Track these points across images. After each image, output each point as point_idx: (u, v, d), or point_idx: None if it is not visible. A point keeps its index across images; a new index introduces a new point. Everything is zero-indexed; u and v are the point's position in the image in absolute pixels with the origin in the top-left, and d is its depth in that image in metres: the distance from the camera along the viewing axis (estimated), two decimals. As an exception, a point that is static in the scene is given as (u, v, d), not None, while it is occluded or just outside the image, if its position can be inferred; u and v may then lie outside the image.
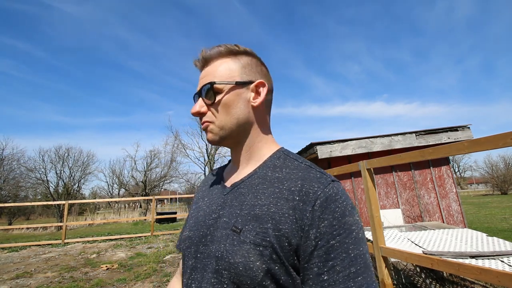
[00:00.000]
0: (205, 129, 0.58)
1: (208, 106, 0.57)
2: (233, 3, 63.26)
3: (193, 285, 0.51)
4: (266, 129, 0.61)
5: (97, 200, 17.04)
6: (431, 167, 4.49)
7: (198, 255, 0.53)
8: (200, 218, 0.58)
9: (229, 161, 0.68)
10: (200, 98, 0.58)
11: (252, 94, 0.58)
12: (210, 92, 0.56)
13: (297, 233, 0.45)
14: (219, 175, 0.66)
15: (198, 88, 0.58)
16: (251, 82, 0.58)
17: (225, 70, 0.57)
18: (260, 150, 0.59)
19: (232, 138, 0.58)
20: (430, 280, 3.20)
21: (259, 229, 0.47)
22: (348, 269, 0.42)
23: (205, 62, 0.59)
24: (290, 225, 0.46)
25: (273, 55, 68.25)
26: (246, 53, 0.60)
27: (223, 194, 0.58)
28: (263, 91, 0.58)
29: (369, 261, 0.45)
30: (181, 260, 0.61)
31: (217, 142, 0.58)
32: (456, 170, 48.67)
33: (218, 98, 0.56)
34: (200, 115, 0.58)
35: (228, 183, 0.60)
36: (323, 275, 0.42)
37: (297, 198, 0.47)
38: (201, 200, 0.64)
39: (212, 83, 0.55)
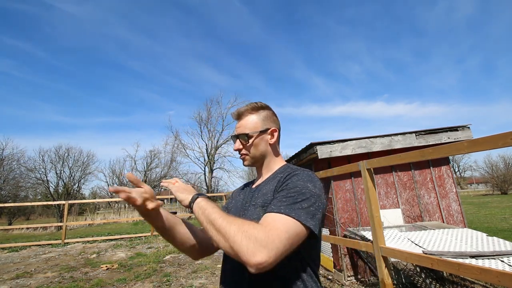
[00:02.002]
0: (243, 158, 0.97)
1: (244, 145, 0.96)
2: (233, 3, 63.15)
3: None
4: (277, 154, 1.01)
5: (97, 200, 17.04)
6: (431, 167, 4.48)
7: None
8: (239, 205, 0.95)
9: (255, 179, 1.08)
10: (238, 140, 0.96)
11: (269, 136, 0.97)
12: (245, 137, 0.94)
13: (276, 192, 0.82)
14: (249, 184, 1.05)
15: (236, 133, 0.97)
16: (268, 129, 0.96)
17: (252, 123, 0.95)
18: (273, 165, 0.98)
19: (258, 162, 0.98)
20: (430, 280, 3.20)
21: (264, 198, 0.85)
22: (281, 199, 0.75)
23: (239, 116, 0.98)
24: (275, 190, 0.83)
25: (273, 55, 68.16)
26: (263, 108, 0.99)
27: (251, 191, 0.96)
28: (275, 134, 0.98)
29: (299, 204, 0.73)
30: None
31: (250, 165, 0.99)
32: (456, 170, 48.65)
33: (250, 141, 0.94)
34: (239, 150, 0.97)
35: (254, 186, 0.98)
36: (273, 201, 0.77)
37: (282, 178, 0.85)
38: (237, 196, 1.02)
39: (247, 134, 0.94)
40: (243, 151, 0.96)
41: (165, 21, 57.41)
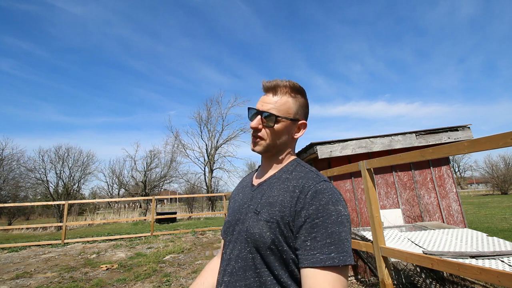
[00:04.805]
0: (256, 142, 0.79)
1: (264, 126, 0.77)
2: (236, 3, 63.15)
3: (227, 252, 0.75)
4: (293, 150, 0.85)
5: (97, 200, 17.02)
6: (431, 167, 4.48)
7: (234, 233, 0.76)
8: (236, 208, 0.81)
9: (259, 167, 0.90)
10: (259, 117, 0.77)
11: (295, 129, 0.80)
12: (271, 119, 0.76)
13: (293, 213, 0.66)
14: (250, 178, 0.89)
15: (262, 109, 0.77)
16: (298, 120, 0.80)
17: (286, 107, 0.77)
18: (283, 162, 0.81)
19: (271, 153, 0.80)
20: (430, 280, 3.20)
21: (271, 211, 0.69)
22: (325, 239, 0.60)
23: (274, 90, 0.79)
24: (290, 208, 0.66)
25: (275, 55, 68.17)
26: (302, 93, 0.81)
27: (251, 190, 0.81)
28: (303, 130, 0.82)
29: (344, 237, 0.61)
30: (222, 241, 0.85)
31: (260, 153, 0.80)
32: (456, 170, 48.60)
33: (276, 125, 0.76)
34: (256, 130, 0.78)
35: (255, 183, 0.83)
36: (307, 242, 0.61)
37: (297, 190, 0.68)
38: (237, 195, 0.87)
39: (276, 116, 0.76)
40: (261, 133, 0.78)
41: (168, 21, 57.44)
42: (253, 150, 0.79)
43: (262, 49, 66.06)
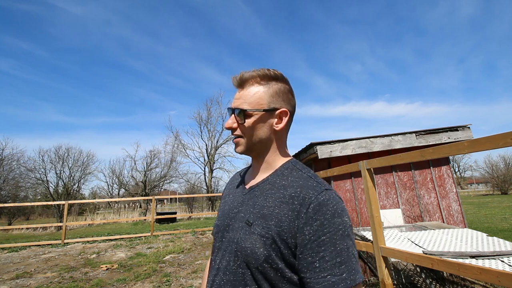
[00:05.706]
0: (236, 142, 0.73)
1: (239, 124, 0.71)
2: (236, 3, 63.21)
3: (217, 260, 0.70)
4: (283, 146, 0.76)
5: (97, 200, 17.04)
6: (431, 167, 4.48)
7: (223, 239, 0.70)
8: (225, 211, 0.75)
9: (251, 165, 0.82)
10: (233, 116, 0.72)
11: (276, 120, 0.71)
12: (241, 114, 0.70)
13: (294, 229, 0.59)
14: (242, 177, 0.82)
15: (233, 106, 0.72)
16: (276, 109, 0.71)
17: (256, 98, 0.70)
18: (274, 162, 0.73)
19: (255, 152, 0.73)
20: (430, 280, 3.20)
21: (265, 225, 0.62)
22: (334, 259, 0.55)
23: (241, 84, 0.72)
24: (289, 223, 0.59)
25: (275, 55, 68.01)
26: (277, 78, 0.72)
27: (242, 194, 0.74)
28: (285, 118, 0.72)
29: (352, 253, 0.57)
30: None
31: (243, 153, 0.74)
32: (456, 170, 48.59)
33: (247, 120, 0.70)
34: (232, 129, 0.72)
35: (247, 186, 0.76)
36: (315, 263, 0.55)
37: (296, 202, 0.61)
38: (227, 196, 0.81)
39: (244, 110, 0.69)
40: (237, 132, 0.72)
41: (167, 21, 57.39)
42: (237, 152, 0.74)
43: (262, 49, 66.07)
